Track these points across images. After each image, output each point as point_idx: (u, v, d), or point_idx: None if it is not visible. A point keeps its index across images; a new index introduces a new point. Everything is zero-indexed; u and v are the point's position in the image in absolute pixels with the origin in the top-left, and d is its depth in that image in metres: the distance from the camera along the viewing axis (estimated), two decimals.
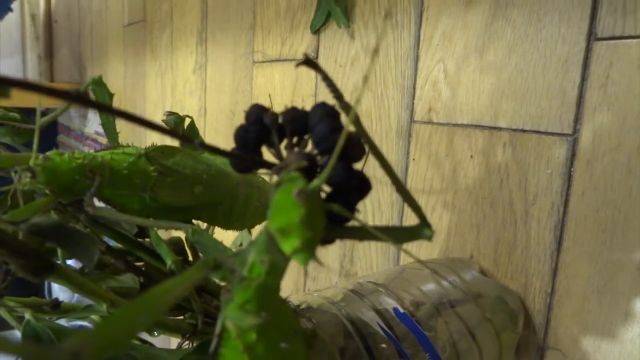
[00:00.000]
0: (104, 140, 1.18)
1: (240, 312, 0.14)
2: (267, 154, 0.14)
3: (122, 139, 0.26)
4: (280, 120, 0.13)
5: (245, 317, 0.14)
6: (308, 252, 0.12)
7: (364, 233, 0.15)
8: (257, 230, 0.27)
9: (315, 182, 0.12)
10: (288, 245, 0.12)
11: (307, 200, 0.12)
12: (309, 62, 0.14)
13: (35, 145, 0.17)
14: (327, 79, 0.14)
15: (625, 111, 0.28)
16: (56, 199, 0.17)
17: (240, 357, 0.14)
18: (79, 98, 0.08)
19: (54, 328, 0.13)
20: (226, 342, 0.14)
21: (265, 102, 0.59)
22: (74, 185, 0.18)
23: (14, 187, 0.14)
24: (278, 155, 0.13)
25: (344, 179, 0.13)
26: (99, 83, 0.21)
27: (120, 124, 0.97)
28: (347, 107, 0.14)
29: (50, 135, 1.48)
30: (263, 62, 0.59)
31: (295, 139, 0.14)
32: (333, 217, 0.13)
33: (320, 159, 0.13)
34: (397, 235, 0.15)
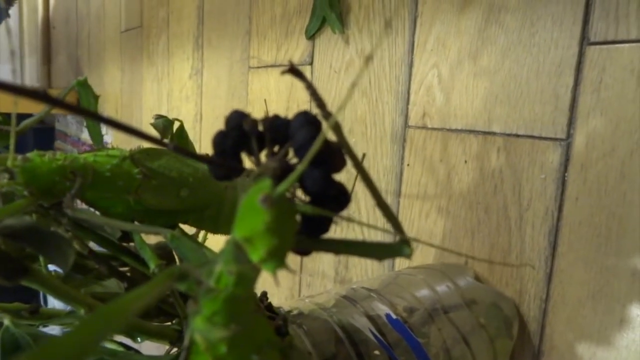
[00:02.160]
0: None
1: (208, 324, 0.13)
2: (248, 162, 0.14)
3: (120, 142, 0.26)
4: (260, 127, 0.13)
5: (214, 329, 0.13)
6: (276, 260, 0.11)
7: (340, 246, 0.14)
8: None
9: (281, 186, 0.11)
10: (255, 255, 0.11)
11: (272, 206, 0.11)
12: (294, 70, 0.13)
13: (11, 146, 0.16)
14: (310, 87, 0.13)
15: (618, 116, 0.28)
16: (35, 201, 0.17)
17: None
18: (45, 97, 0.08)
19: (33, 334, 0.13)
20: (195, 355, 0.14)
21: (261, 108, 0.59)
22: (54, 186, 0.18)
23: None
24: (257, 162, 0.13)
25: (321, 187, 0.12)
26: (83, 85, 0.21)
27: (119, 138, 0.97)
28: (328, 116, 0.14)
29: (47, 141, 1.47)
30: (259, 67, 0.59)
31: (276, 148, 0.13)
32: (309, 227, 0.13)
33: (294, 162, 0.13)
34: (376, 251, 0.15)
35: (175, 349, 0.19)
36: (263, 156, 0.13)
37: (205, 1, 0.71)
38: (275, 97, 0.56)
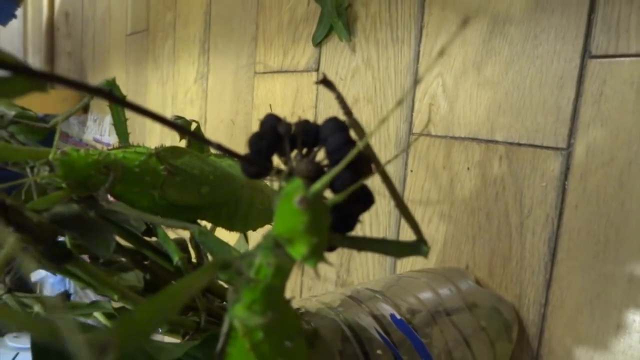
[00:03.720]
0: (99, 147, 1.19)
1: (247, 312, 0.14)
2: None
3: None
4: (292, 130, 0.14)
5: (252, 316, 0.14)
6: (317, 256, 0.13)
7: (363, 243, 0.15)
8: (258, 232, 0.27)
9: (316, 186, 0.12)
10: (296, 253, 0.13)
11: (309, 207, 0.12)
12: (326, 81, 0.14)
13: (55, 141, 0.17)
14: (340, 97, 0.14)
15: (618, 127, 0.29)
16: (71, 193, 0.18)
17: (246, 355, 0.14)
18: (110, 95, 0.09)
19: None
20: (233, 340, 0.15)
21: (266, 112, 0.59)
22: (88, 180, 0.19)
23: (32, 179, 0.14)
24: (288, 163, 0.14)
25: (348, 186, 0.13)
26: (112, 85, 0.22)
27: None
28: (355, 124, 0.15)
29: (48, 142, 1.48)
30: (264, 73, 0.60)
31: (305, 150, 0.14)
32: (337, 225, 0.14)
33: (327, 170, 0.14)
34: (395, 249, 0.16)
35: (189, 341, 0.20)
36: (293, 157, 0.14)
37: (212, 6, 0.72)
38: (280, 102, 0.57)
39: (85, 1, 1.32)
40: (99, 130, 1.14)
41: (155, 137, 0.91)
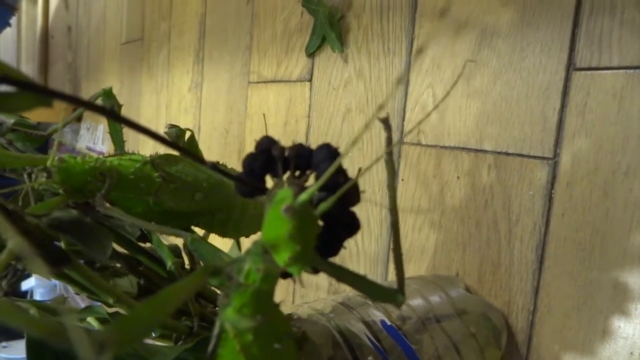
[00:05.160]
0: (93, 155, 1.18)
1: (237, 315, 0.15)
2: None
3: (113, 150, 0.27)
4: (286, 153, 0.15)
5: (242, 319, 0.15)
6: (300, 263, 0.13)
7: (345, 276, 0.16)
8: (250, 239, 0.27)
9: (303, 196, 0.13)
10: (280, 259, 0.13)
11: (295, 216, 0.12)
12: (386, 122, 0.16)
13: (55, 149, 0.17)
14: (389, 139, 0.16)
15: (601, 137, 0.30)
16: (68, 199, 0.18)
17: (236, 357, 0.15)
18: (111, 113, 0.09)
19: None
20: (224, 342, 0.15)
21: (259, 121, 0.60)
22: (85, 186, 0.19)
23: (29, 185, 0.15)
24: (280, 185, 0.15)
25: (336, 213, 0.14)
26: (109, 94, 0.22)
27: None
28: (392, 166, 0.17)
29: (42, 150, 1.47)
30: (258, 82, 0.61)
31: (297, 173, 0.15)
32: (321, 248, 0.15)
33: (317, 194, 0.15)
34: (373, 290, 0.17)
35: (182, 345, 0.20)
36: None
37: (207, 16, 0.72)
38: (274, 112, 0.58)
39: (80, 10, 1.32)
40: (92, 139, 1.14)
41: (148, 145, 0.91)
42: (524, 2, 0.34)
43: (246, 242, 0.23)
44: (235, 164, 0.62)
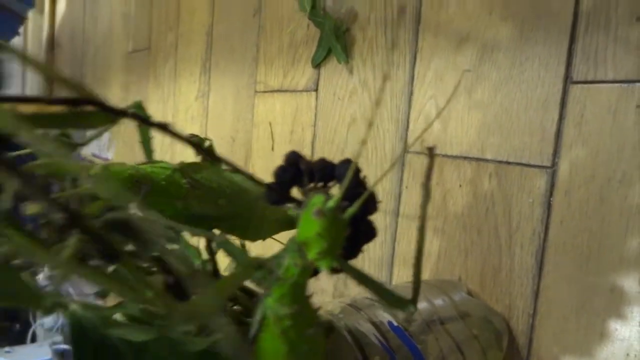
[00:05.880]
0: (99, 162, 1.20)
1: (277, 304, 0.17)
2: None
3: (120, 158, 0.28)
4: (312, 167, 0.17)
5: (282, 307, 0.17)
6: (327, 259, 0.16)
7: (364, 279, 0.18)
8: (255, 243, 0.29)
9: (330, 202, 0.15)
10: (310, 254, 0.16)
11: (323, 218, 0.15)
12: (431, 152, 0.19)
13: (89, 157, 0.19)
14: (431, 166, 0.19)
15: (597, 147, 0.31)
16: (107, 202, 0.20)
17: (276, 339, 0.18)
18: (161, 125, 0.10)
19: (100, 316, 0.15)
20: (265, 327, 0.18)
21: (265, 130, 0.61)
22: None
23: (76, 191, 0.16)
24: (305, 195, 0.17)
25: (357, 221, 0.16)
26: (139, 107, 0.24)
27: (120, 154, 0.99)
28: (427, 192, 0.19)
29: None
30: (265, 92, 0.63)
31: (321, 185, 0.17)
32: (343, 252, 0.17)
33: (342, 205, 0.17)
34: (386, 296, 0.19)
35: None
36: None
37: (214, 27, 0.74)
38: (280, 121, 0.59)
39: (87, 18, 1.35)
40: (97, 146, 1.15)
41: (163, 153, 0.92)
42: (522, 18, 0.35)
43: (251, 246, 0.25)
44: None
